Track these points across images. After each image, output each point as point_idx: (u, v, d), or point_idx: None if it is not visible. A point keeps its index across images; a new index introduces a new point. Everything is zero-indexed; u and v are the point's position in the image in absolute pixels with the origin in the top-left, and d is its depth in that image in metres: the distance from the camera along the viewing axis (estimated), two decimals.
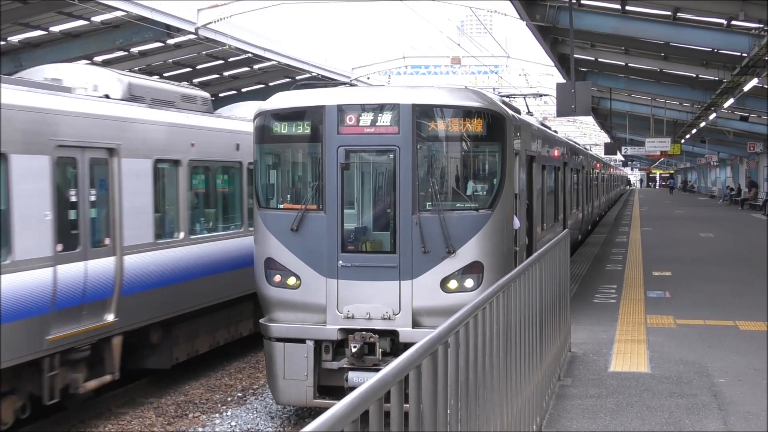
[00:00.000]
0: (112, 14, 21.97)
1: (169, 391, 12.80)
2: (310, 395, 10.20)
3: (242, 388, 12.85)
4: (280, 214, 10.52)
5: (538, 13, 20.13)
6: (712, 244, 25.06)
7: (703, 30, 20.43)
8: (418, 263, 10.02)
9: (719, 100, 26.91)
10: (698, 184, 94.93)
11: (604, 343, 10.62)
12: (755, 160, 53.85)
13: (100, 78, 12.07)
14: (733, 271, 17.98)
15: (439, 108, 10.29)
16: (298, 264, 10.30)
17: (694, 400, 7.96)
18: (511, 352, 5.55)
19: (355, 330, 10.04)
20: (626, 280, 16.60)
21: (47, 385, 9.97)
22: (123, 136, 11.37)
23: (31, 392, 10.04)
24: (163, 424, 11.28)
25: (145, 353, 12.49)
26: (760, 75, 21.14)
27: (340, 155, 10.25)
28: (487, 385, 4.76)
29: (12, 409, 9.71)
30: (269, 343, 10.42)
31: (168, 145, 12.41)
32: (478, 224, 10.11)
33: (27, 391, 9.97)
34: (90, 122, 10.76)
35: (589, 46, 25.18)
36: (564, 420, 7.41)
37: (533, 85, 40.25)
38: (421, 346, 3.49)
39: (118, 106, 11.69)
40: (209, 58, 28.66)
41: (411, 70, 41.19)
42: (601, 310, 13.20)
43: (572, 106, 16.27)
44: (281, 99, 10.83)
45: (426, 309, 9.98)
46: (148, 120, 12.13)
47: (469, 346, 4.42)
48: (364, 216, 10.87)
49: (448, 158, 10.65)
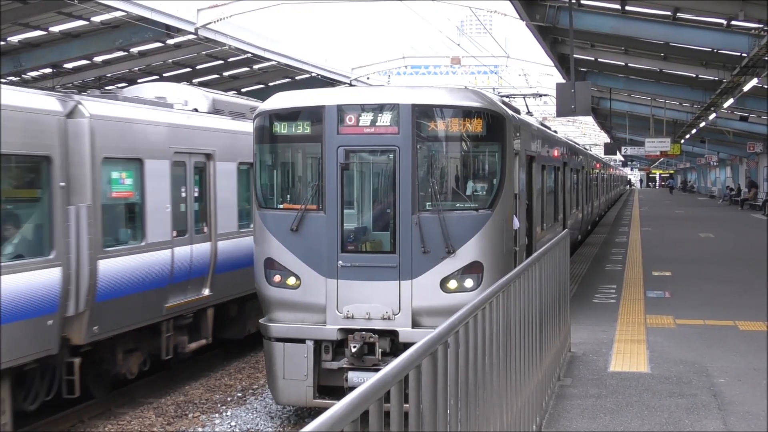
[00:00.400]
0: (111, 14, 21.99)
1: (168, 391, 12.80)
2: (310, 395, 10.20)
3: (242, 388, 12.85)
4: (280, 214, 10.52)
5: (537, 13, 20.13)
6: (711, 244, 25.07)
7: (702, 30, 20.43)
8: (417, 263, 10.02)
9: (719, 100, 26.91)
10: (698, 184, 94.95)
11: (604, 343, 10.63)
12: (755, 160, 53.86)
13: (190, 95, 14.49)
14: (733, 271, 17.98)
15: (438, 108, 10.28)
16: (298, 264, 10.31)
17: (693, 400, 7.96)
18: (511, 352, 5.55)
19: (354, 330, 10.04)
20: (626, 280, 16.60)
21: (164, 344, 12.41)
22: (216, 143, 13.71)
23: (150, 351, 12.43)
24: (163, 424, 11.28)
25: (225, 325, 14.41)
26: (759, 75, 21.14)
27: (339, 155, 10.25)
28: (486, 385, 4.76)
29: (137, 363, 12.17)
30: (269, 343, 10.42)
31: (245, 150, 13.81)
32: (478, 224, 10.11)
33: (147, 349, 12.35)
34: (194, 132, 13.21)
35: (589, 46, 25.19)
36: (564, 420, 7.41)
37: (533, 85, 40.26)
38: (420, 346, 3.49)
39: (210, 118, 14.09)
40: (209, 58, 28.69)
41: (411, 70, 41.19)
42: (600, 310, 13.21)
43: (572, 106, 16.27)
44: (281, 99, 10.83)
45: (426, 309, 9.98)
46: (231, 130, 14.32)
47: (469, 346, 4.42)
48: (364, 216, 10.87)
49: (448, 158, 10.65)
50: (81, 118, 10.61)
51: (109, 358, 11.56)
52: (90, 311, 10.52)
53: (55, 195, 10.12)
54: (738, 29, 19.76)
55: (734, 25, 19.64)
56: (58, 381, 10.63)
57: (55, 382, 10.61)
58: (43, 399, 10.56)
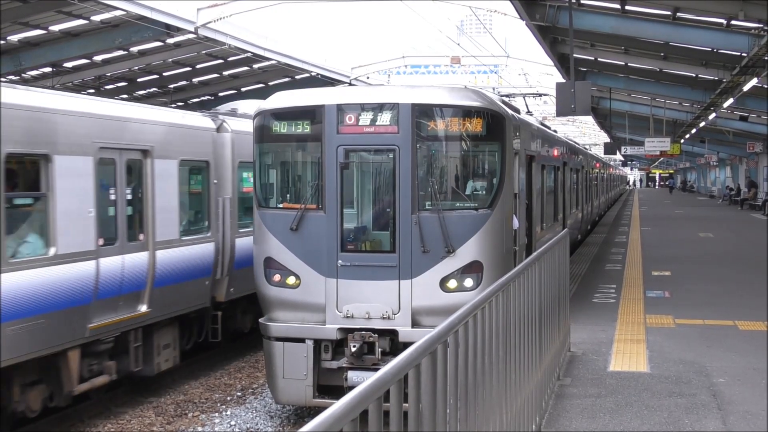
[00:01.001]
0: (111, 13, 21.97)
1: (168, 390, 12.80)
2: (310, 394, 10.20)
3: (242, 388, 12.85)
4: (280, 214, 10.52)
5: (537, 12, 20.13)
6: (711, 244, 25.07)
7: (702, 30, 20.43)
8: (417, 263, 10.02)
9: (719, 100, 26.91)
10: (698, 184, 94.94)
11: (604, 343, 10.63)
12: (755, 160, 53.86)
13: None
14: (733, 271, 17.98)
15: (438, 107, 10.28)
16: (298, 263, 10.30)
17: (693, 400, 7.96)
18: (511, 351, 5.55)
19: (354, 329, 10.04)
20: (626, 280, 16.60)
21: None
22: None
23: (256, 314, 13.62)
24: (163, 423, 11.27)
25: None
26: (759, 75, 21.14)
27: (339, 155, 10.25)
28: (486, 384, 4.76)
29: (250, 321, 14.72)
30: (269, 342, 10.42)
31: None
32: (478, 224, 10.11)
33: (256, 312, 13.44)
34: None
35: (589, 46, 25.18)
36: (563, 419, 7.41)
37: (533, 84, 40.23)
38: (420, 346, 3.49)
39: None
40: (209, 57, 28.67)
41: (411, 70, 41.19)
42: (600, 309, 13.20)
43: (572, 106, 16.26)
44: (281, 98, 10.83)
45: (425, 308, 9.98)
46: None
47: (469, 345, 4.41)
48: (364, 215, 10.87)
49: (448, 158, 10.64)
50: (225, 132, 13.96)
51: (234, 316, 14.59)
52: (229, 277, 13.81)
53: (211, 190, 13.58)
54: (738, 29, 19.76)
55: (734, 25, 19.63)
56: (206, 329, 13.75)
57: (203, 329, 13.73)
58: (196, 340, 13.72)
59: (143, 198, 11.82)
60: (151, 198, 11.89)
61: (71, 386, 10.42)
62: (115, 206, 11.23)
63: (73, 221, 10.19)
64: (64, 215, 9.99)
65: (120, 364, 11.39)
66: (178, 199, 12.61)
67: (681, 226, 32.60)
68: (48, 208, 9.88)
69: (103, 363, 11.09)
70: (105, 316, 10.80)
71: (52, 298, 9.84)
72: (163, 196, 12.19)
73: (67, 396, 10.47)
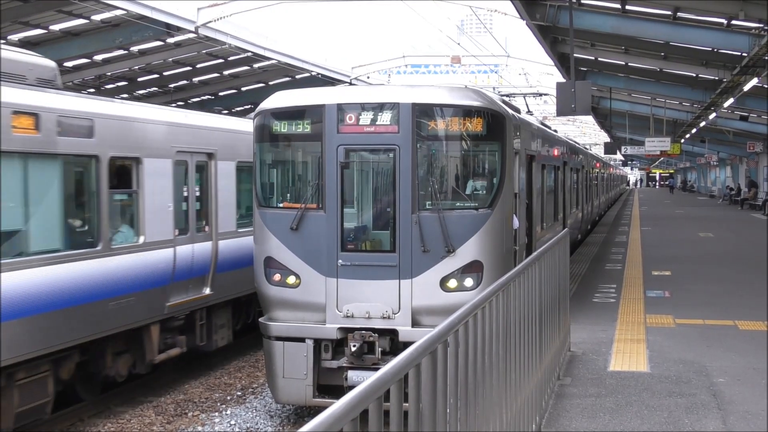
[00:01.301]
0: (112, 13, 21.97)
1: (168, 389, 12.80)
2: (310, 394, 10.20)
3: (242, 387, 12.85)
4: (280, 213, 10.52)
5: (538, 12, 20.14)
6: (711, 243, 25.07)
7: (703, 30, 20.44)
8: (417, 262, 10.02)
9: (719, 99, 26.91)
10: (698, 183, 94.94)
11: (604, 343, 10.63)
12: (755, 160, 53.86)
13: None
14: (733, 271, 17.98)
15: (439, 107, 10.28)
16: (298, 263, 10.30)
17: (693, 400, 7.96)
18: (511, 351, 5.55)
19: (354, 329, 10.04)
20: (626, 280, 16.60)
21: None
22: None
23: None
24: (163, 422, 11.28)
25: None
26: (759, 75, 21.15)
27: (339, 154, 10.25)
28: (486, 384, 4.76)
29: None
30: (269, 341, 10.42)
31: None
32: (478, 223, 10.11)
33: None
34: None
35: (589, 46, 25.18)
36: (563, 419, 7.41)
37: (533, 84, 40.25)
38: (420, 345, 3.49)
39: None
40: (209, 56, 28.66)
41: (411, 70, 41.23)
42: (600, 309, 13.21)
43: (572, 106, 16.27)
44: (281, 98, 10.83)
45: (425, 308, 9.98)
46: None
47: (469, 345, 4.41)
48: (364, 215, 10.86)
49: (448, 157, 10.64)
50: None
51: None
52: None
53: None
54: (738, 29, 19.77)
55: (734, 25, 19.64)
56: (254, 311, 14.81)
57: (251, 311, 14.94)
58: (245, 321, 14.97)
59: (208, 194, 13.52)
60: (214, 194, 13.58)
61: (152, 356, 12.09)
62: (187, 201, 12.99)
63: (157, 214, 11.96)
64: (150, 209, 11.82)
65: (188, 339, 13.00)
66: (235, 196, 14.23)
67: (681, 226, 32.61)
68: (138, 203, 11.69)
69: (176, 337, 12.77)
70: (179, 297, 12.52)
71: (141, 279, 11.57)
72: (224, 192, 13.83)
73: (148, 364, 12.14)
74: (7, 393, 9.55)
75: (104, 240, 10.82)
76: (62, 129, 10.20)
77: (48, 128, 9.98)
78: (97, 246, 10.73)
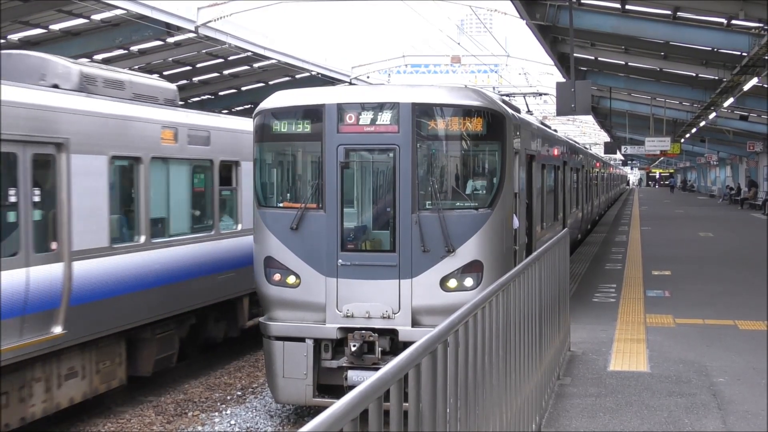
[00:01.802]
0: (112, 12, 21.96)
1: (168, 389, 12.80)
2: (310, 394, 10.20)
3: (242, 387, 12.85)
4: (280, 213, 10.51)
5: (538, 12, 20.15)
6: (711, 243, 25.07)
7: (703, 29, 20.44)
8: (417, 262, 10.02)
9: (719, 99, 26.92)
10: (698, 183, 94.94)
11: (604, 342, 10.62)
12: (755, 160, 53.88)
13: None
14: (733, 270, 17.97)
15: (438, 107, 10.27)
16: (298, 263, 10.30)
17: (693, 400, 7.96)
18: (511, 351, 5.55)
19: (354, 329, 10.04)
20: (626, 280, 16.60)
21: None
22: None
23: None
24: (163, 422, 11.27)
25: None
26: (759, 74, 21.15)
27: (339, 154, 10.24)
28: (486, 384, 4.76)
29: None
30: (269, 341, 10.42)
31: None
32: (478, 223, 10.10)
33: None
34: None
35: (589, 45, 25.19)
36: (563, 419, 7.41)
37: (533, 84, 40.29)
38: (420, 345, 3.49)
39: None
40: (209, 56, 28.66)
41: (411, 69, 41.22)
42: (600, 309, 13.21)
43: (572, 105, 16.27)
44: (281, 98, 10.82)
45: (425, 308, 9.98)
46: None
47: (469, 345, 4.41)
48: (364, 215, 10.86)
49: (448, 157, 10.64)
50: None
51: None
52: None
53: None
54: (738, 28, 19.77)
55: (734, 25, 19.64)
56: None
57: None
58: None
59: None
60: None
61: (243, 322, 14.61)
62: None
63: (248, 207, 13.66)
64: (244, 202, 14.23)
65: None
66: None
67: (681, 226, 32.61)
68: (236, 198, 14.39)
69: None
70: None
71: (238, 258, 13.88)
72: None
73: (240, 328, 14.62)
74: (150, 343, 12.01)
75: (216, 227, 13.60)
76: (191, 139, 12.94)
77: (182, 139, 12.69)
78: (211, 231, 13.49)
